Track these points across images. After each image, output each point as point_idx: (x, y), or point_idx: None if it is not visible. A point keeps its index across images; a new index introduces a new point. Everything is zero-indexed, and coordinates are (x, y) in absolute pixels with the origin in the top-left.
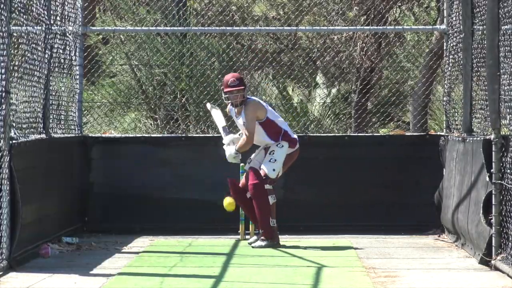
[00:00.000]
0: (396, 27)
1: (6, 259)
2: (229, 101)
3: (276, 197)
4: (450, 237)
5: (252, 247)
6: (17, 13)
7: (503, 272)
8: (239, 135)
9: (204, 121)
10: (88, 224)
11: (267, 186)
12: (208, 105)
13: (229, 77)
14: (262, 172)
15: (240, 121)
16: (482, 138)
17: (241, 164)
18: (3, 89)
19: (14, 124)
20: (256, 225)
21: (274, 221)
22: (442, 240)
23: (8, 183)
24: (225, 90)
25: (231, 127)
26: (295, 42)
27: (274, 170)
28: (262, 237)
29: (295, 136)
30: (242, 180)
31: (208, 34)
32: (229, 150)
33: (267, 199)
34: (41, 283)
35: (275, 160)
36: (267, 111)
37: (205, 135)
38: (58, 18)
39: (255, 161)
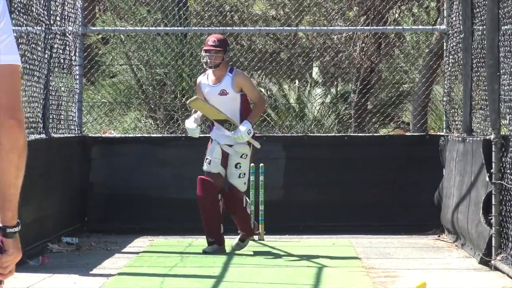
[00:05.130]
0: (396, 27)
1: None
2: (205, 61)
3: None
4: (450, 237)
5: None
6: (17, 13)
7: (503, 272)
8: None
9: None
10: (88, 224)
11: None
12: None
13: (211, 37)
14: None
15: (217, 90)
16: (482, 138)
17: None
18: None
19: None
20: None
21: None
22: (442, 240)
23: None
24: (204, 48)
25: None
26: (294, 42)
27: (245, 183)
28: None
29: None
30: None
31: (207, 34)
32: (243, 131)
33: (243, 205)
34: (41, 283)
35: (244, 174)
36: None
37: (205, 135)
38: (58, 18)
39: (216, 161)
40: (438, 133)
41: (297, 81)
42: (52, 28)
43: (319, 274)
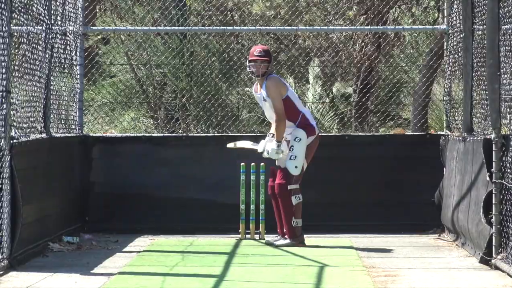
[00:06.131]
0: (396, 27)
1: (7, 258)
2: (251, 70)
3: (302, 197)
4: (451, 236)
5: (276, 245)
6: (18, 12)
7: (503, 272)
8: (268, 136)
9: (205, 121)
10: (88, 224)
11: (290, 187)
12: (230, 145)
13: (256, 47)
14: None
15: (260, 98)
16: (482, 138)
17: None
18: (4, 88)
19: (15, 124)
20: (280, 223)
21: (298, 221)
22: (443, 240)
23: (9, 182)
24: (249, 58)
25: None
26: (295, 42)
27: (296, 167)
28: (285, 236)
29: (313, 122)
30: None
31: (207, 34)
32: (270, 147)
33: (289, 199)
34: (42, 283)
35: (295, 156)
36: (287, 89)
37: (205, 134)
38: (58, 17)
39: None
40: (439, 133)
41: (291, 79)
42: (53, 27)
43: (320, 274)
